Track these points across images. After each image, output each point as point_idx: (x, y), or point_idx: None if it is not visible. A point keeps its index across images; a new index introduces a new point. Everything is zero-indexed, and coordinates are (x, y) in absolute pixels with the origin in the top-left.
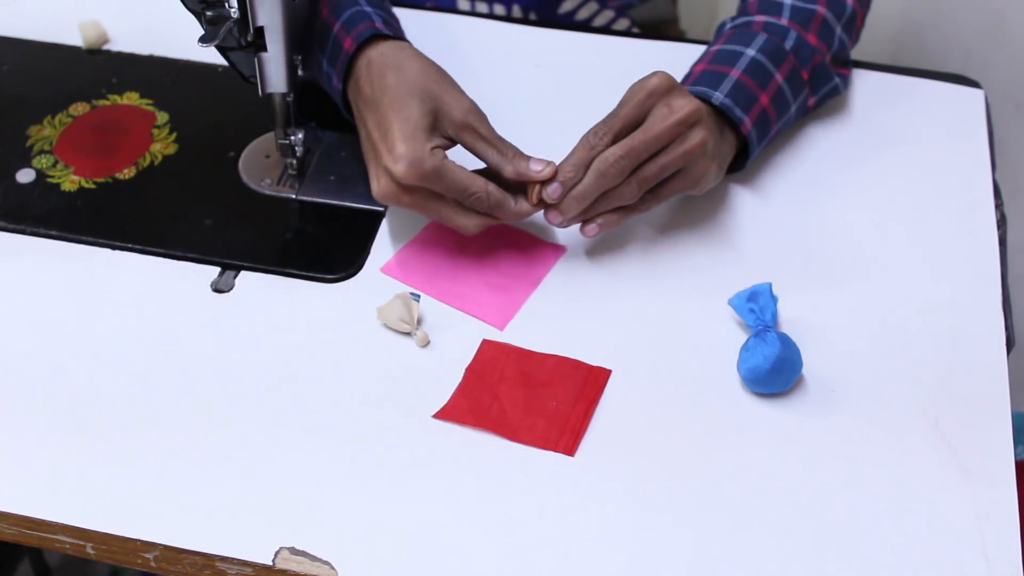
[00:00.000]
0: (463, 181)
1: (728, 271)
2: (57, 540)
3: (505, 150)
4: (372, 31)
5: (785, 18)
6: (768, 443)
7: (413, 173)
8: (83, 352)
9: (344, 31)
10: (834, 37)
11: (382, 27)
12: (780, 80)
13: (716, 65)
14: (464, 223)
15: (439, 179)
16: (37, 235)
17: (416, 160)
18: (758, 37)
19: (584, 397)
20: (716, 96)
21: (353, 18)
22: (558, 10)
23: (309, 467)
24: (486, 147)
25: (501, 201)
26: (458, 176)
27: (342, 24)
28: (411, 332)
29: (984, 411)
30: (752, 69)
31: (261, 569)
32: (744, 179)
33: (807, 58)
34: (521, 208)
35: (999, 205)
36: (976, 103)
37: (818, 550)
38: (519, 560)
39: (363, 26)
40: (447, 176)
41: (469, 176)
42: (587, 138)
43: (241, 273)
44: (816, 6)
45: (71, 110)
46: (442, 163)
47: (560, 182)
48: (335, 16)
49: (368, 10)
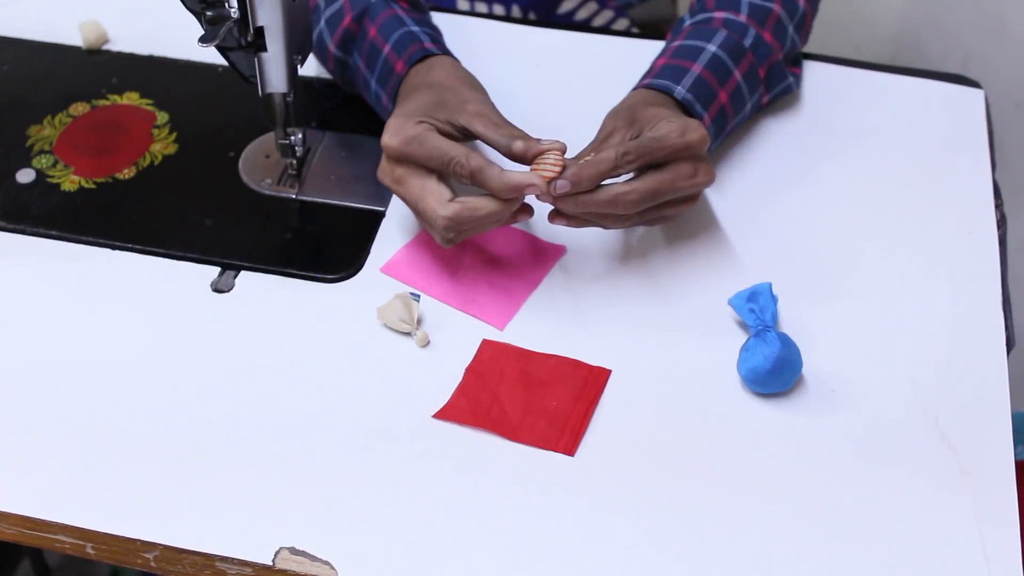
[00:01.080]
0: (443, 147)
1: (728, 271)
2: (57, 540)
3: (515, 131)
4: (422, 52)
5: (744, 15)
6: (768, 443)
7: (393, 141)
8: (83, 352)
9: (395, 54)
10: (787, 36)
11: (432, 47)
12: (739, 78)
13: (677, 60)
14: (434, 208)
15: (419, 145)
16: (37, 235)
17: (398, 129)
18: (718, 33)
19: (584, 397)
20: (678, 91)
21: (402, 40)
22: (557, 10)
23: (309, 467)
24: (496, 128)
25: (483, 167)
26: (439, 142)
27: (392, 47)
28: (411, 332)
29: (984, 411)
30: (713, 65)
31: (261, 569)
32: (744, 179)
33: (764, 56)
34: (508, 179)
35: (999, 205)
36: (976, 103)
37: (818, 550)
38: (519, 560)
39: (413, 48)
40: (428, 141)
41: (451, 144)
42: (616, 156)
43: (241, 273)
44: (772, 4)
45: (71, 110)
46: (424, 131)
47: (573, 183)
48: (384, 38)
49: (415, 30)
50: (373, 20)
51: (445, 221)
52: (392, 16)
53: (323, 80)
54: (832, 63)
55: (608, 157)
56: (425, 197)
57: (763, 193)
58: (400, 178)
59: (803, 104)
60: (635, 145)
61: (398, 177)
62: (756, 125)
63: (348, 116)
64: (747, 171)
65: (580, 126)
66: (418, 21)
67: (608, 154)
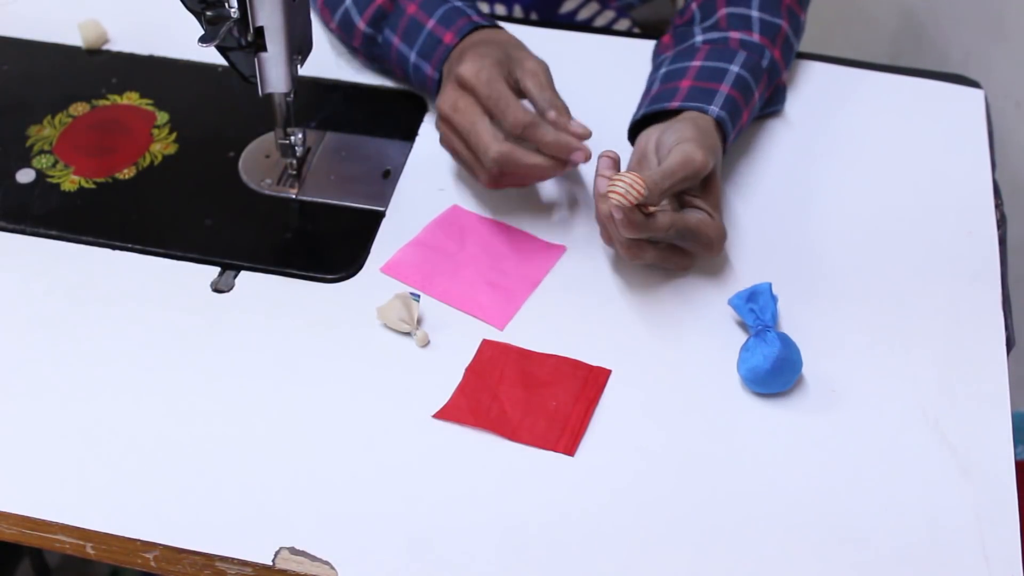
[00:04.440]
0: (507, 95)
1: (728, 271)
2: (57, 540)
3: (557, 101)
4: (472, 24)
5: (757, 34)
6: (768, 443)
7: (470, 72)
8: (83, 352)
9: (442, 27)
10: (792, 54)
11: (479, 19)
12: (757, 98)
13: (704, 82)
14: (488, 142)
15: (489, 83)
16: (37, 235)
17: (476, 65)
18: (739, 55)
19: (584, 397)
20: (712, 110)
21: (449, 14)
22: (559, 10)
23: (309, 467)
24: (541, 91)
25: (535, 121)
26: (506, 91)
27: (438, 21)
28: (411, 332)
29: (984, 411)
30: (740, 85)
31: (261, 569)
32: (744, 179)
33: (774, 77)
34: (560, 137)
35: (999, 205)
36: (976, 103)
37: (818, 550)
38: (519, 560)
39: (462, 21)
40: (496, 83)
41: (512, 96)
42: (650, 183)
43: (241, 273)
44: (780, 20)
45: (71, 110)
46: (496, 75)
47: (647, 188)
48: (427, 13)
49: (460, 5)
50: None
51: (497, 155)
52: None
53: (323, 80)
54: (832, 63)
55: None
56: (479, 131)
57: (763, 193)
58: (458, 106)
59: (803, 104)
60: (661, 173)
61: (457, 104)
62: (756, 125)
63: (348, 116)
64: (747, 171)
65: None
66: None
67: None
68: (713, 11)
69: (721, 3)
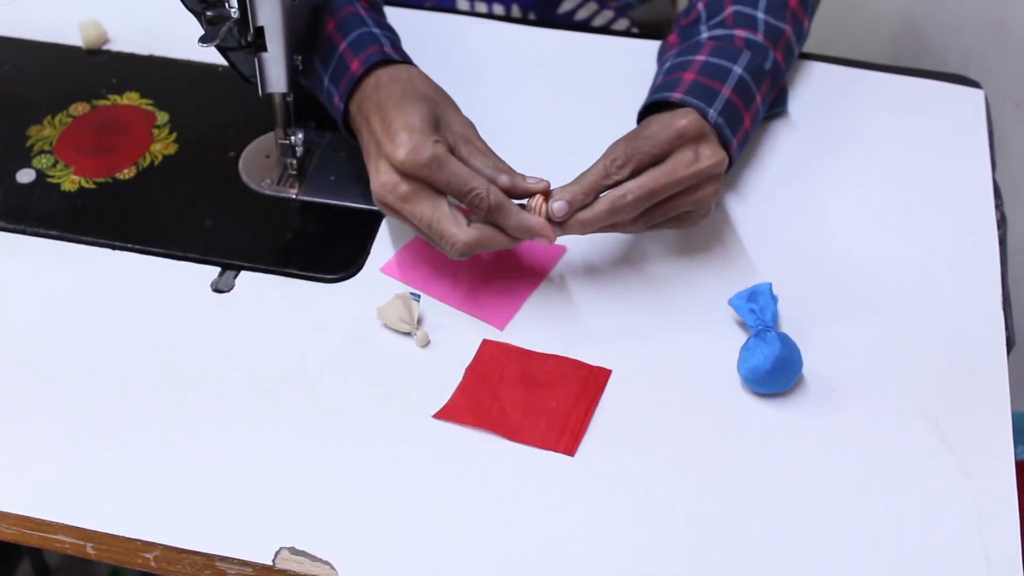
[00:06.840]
0: (464, 175)
1: (728, 271)
2: (57, 540)
3: (500, 163)
4: (381, 55)
5: (761, 34)
6: (768, 443)
7: (414, 159)
8: (83, 352)
9: (352, 52)
10: (793, 58)
11: (391, 52)
12: (759, 102)
13: (706, 79)
14: (455, 233)
15: (439, 167)
16: (37, 235)
17: (418, 146)
18: (743, 55)
19: (584, 397)
20: (711, 114)
21: (361, 40)
22: (557, 10)
23: (309, 467)
24: (482, 158)
25: (503, 203)
26: (459, 169)
27: (349, 45)
28: (411, 332)
29: (984, 411)
30: (740, 89)
31: (261, 569)
32: (744, 179)
33: (777, 80)
34: (524, 220)
35: (999, 205)
36: (976, 103)
37: (818, 550)
38: (519, 560)
39: (372, 49)
40: (448, 166)
41: (471, 172)
42: (604, 164)
43: (241, 273)
44: (784, 25)
45: (71, 110)
46: (444, 153)
47: (568, 202)
48: (341, 34)
49: (376, 32)
50: (333, 15)
51: (464, 247)
52: (352, 13)
53: None
54: (832, 63)
55: (597, 166)
56: (441, 220)
57: (763, 193)
58: (408, 196)
59: (804, 104)
60: (622, 146)
61: (405, 195)
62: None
63: None
64: (747, 171)
65: (580, 126)
66: (377, 22)
67: (596, 163)
68: (720, 9)
69: (728, 1)
